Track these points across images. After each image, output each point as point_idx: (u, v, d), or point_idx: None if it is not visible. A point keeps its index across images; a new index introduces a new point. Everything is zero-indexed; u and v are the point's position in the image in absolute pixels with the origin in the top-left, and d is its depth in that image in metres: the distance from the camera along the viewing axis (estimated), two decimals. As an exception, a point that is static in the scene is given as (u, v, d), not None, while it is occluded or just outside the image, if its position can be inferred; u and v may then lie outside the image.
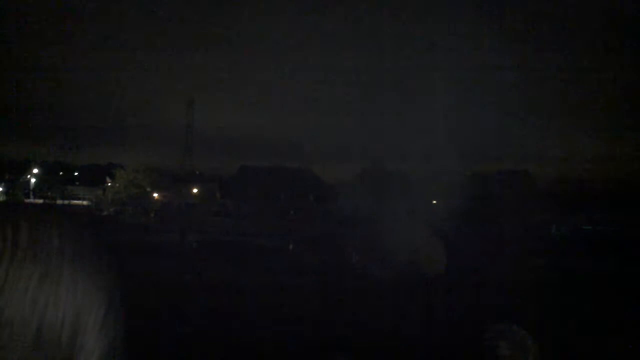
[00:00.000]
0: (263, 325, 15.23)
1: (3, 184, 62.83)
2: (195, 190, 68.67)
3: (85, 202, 61.96)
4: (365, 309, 18.71)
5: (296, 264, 30.32)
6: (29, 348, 0.62)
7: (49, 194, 62.25)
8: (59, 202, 59.95)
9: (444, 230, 30.40)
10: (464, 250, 29.31)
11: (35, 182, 66.46)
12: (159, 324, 11.74)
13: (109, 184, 62.73)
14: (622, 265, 29.18)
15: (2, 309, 0.61)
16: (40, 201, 58.72)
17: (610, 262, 29.98)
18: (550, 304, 16.62)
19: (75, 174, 74.58)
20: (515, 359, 2.31)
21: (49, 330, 0.63)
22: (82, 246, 0.69)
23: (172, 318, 13.81)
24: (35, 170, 66.98)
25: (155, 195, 64.02)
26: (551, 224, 47.42)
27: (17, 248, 0.64)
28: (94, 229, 0.74)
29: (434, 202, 32.86)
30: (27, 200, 58.47)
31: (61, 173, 70.88)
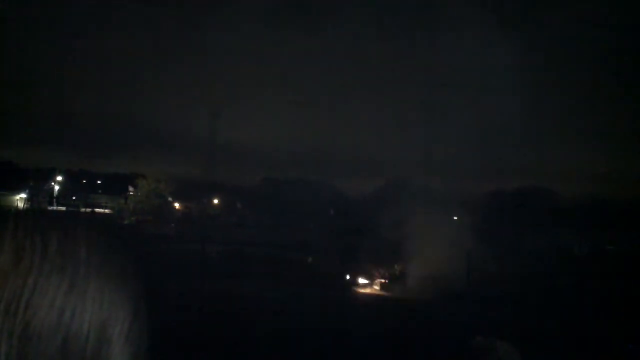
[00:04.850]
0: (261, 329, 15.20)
1: (27, 191, 63.43)
2: (216, 201, 68.85)
3: (107, 211, 62.37)
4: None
5: (314, 275, 30.35)
6: (55, 359, 0.62)
7: (72, 201, 62.72)
8: (82, 210, 60.40)
9: (466, 245, 30.17)
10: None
11: (58, 189, 67.05)
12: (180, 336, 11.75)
13: (131, 193, 63.12)
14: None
15: (30, 321, 0.61)
16: (63, 209, 59.27)
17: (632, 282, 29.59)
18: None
19: (98, 182, 75.16)
20: None
21: (75, 341, 0.64)
22: (109, 258, 0.71)
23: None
24: (59, 178, 67.60)
25: (177, 205, 64.30)
26: (574, 242, 46.84)
27: (45, 259, 0.65)
28: (120, 241, 0.75)
29: (455, 218, 32.64)
30: (50, 208, 58.93)
31: (84, 181, 71.51)
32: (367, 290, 31.21)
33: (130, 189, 64.09)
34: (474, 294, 14.45)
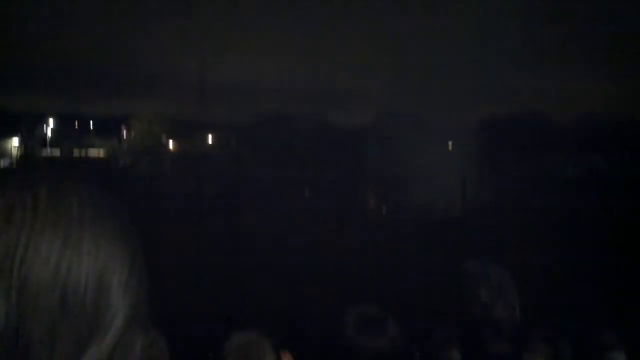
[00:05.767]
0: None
1: (19, 136, 63.07)
2: (210, 139, 68.64)
3: (101, 154, 62.29)
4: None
5: (311, 209, 30.69)
6: (54, 315, 0.62)
7: (65, 145, 62.50)
8: (76, 153, 60.29)
9: (461, 173, 30.31)
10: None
11: (51, 133, 66.70)
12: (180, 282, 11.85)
13: (125, 135, 62.95)
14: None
15: (25, 277, 0.62)
16: (57, 152, 59.15)
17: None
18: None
19: (91, 125, 74.68)
20: (494, 297, 2.27)
21: (73, 295, 0.64)
22: (102, 210, 0.69)
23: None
24: (52, 122, 67.15)
25: (171, 144, 64.19)
26: (567, 165, 47.04)
27: (36, 216, 0.64)
28: (113, 191, 0.73)
29: (449, 146, 32.69)
30: (43, 153, 58.88)
31: (77, 125, 71.04)
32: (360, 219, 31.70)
33: (124, 130, 63.86)
34: (468, 220, 14.60)
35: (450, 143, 39.80)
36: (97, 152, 63.52)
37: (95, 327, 0.65)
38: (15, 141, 61.63)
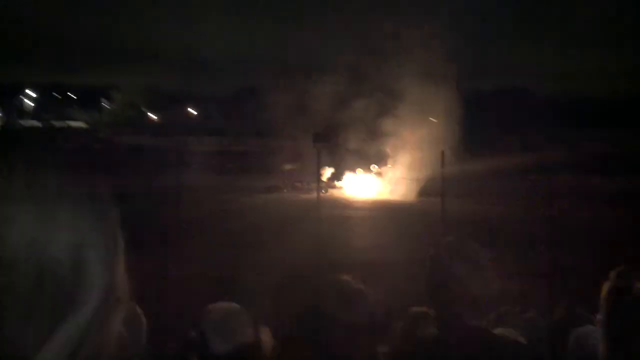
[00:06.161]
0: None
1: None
2: (191, 110, 68.05)
3: (82, 124, 61.49)
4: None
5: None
6: (31, 288, 0.62)
7: (45, 116, 61.61)
8: (55, 124, 59.39)
9: (443, 146, 30.24)
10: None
11: (31, 104, 65.71)
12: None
13: (106, 106, 62.25)
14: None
15: (1, 251, 0.62)
16: (37, 124, 58.29)
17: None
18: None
19: (71, 96, 73.59)
20: (469, 275, 2.29)
21: (50, 269, 0.64)
22: (81, 184, 0.70)
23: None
24: (31, 93, 66.11)
25: (152, 115, 63.62)
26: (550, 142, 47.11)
27: (11, 189, 0.65)
28: (93, 165, 0.74)
29: (433, 119, 32.67)
30: (22, 123, 57.91)
31: (57, 95, 69.99)
32: (341, 191, 31.83)
33: (105, 101, 63.15)
34: (448, 193, 14.73)
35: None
36: (77, 123, 62.67)
37: (72, 301, 0.65)
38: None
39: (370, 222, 22.08)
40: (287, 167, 32.63)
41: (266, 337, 3.10)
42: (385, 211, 24.96)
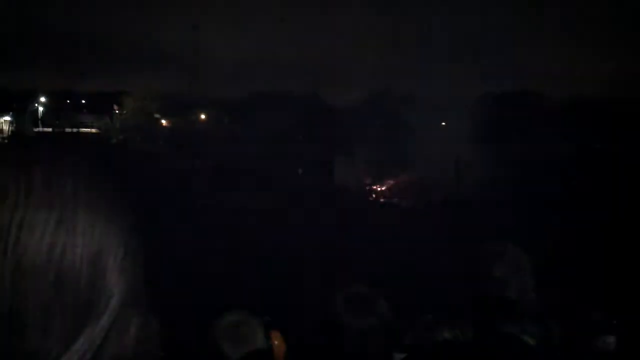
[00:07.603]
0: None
1: (11, 114, 62.54)
2: (203, 116, 68.22)
3: (93, 130, 61.87)
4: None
5: (305, 187, 30.75)
6: (49, 295, 0.61)
7: (57, 122, 62.02)
8: (68, 130, 59.81)
9: (456, 152, 30.28)
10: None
11: (43, 110, 66.20)
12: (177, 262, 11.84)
13: (117, 111, 62.51)
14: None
15: (20, 258, 0.61)
16: (49, 130, 58.70)
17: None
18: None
19: (83, 101, 74.06)
20: (510, 278, 2.28)
21: (68, 275, 0.63)
22: (97, 190, 0.69)
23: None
24: (43, 99, 66.61)
25: (164, 121, 63.81)
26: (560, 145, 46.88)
27: (31, 195, 0.63)
28: (109, 171, 0.73)
29: (443, 123, 32.58)
30: (35, 130, 58.44)
31: (69, 101, 70.48)
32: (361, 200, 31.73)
33: (116, 107, 63.41)
34: (467, 199, 14.53)
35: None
36: (89, 129, 63.01)
37: (91, 308, 0.64)
38: (6, 118, 61.21)
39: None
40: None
41: (279, 343, 3.09)
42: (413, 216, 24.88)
